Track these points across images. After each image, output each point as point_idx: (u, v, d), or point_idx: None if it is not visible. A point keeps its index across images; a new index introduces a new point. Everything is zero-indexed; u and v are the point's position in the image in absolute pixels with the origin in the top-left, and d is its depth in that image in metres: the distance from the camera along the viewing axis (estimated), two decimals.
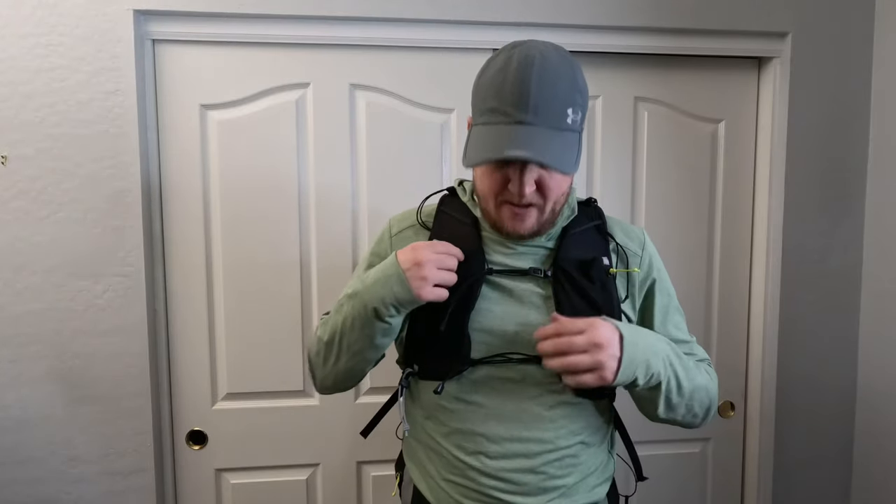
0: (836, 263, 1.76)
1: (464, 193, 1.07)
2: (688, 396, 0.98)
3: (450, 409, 1.00)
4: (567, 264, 0.99)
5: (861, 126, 1.74)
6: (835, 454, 1.82)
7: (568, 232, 1.03)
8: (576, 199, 1.06)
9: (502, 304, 0.99)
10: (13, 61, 1.45)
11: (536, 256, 1.01)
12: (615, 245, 1.05)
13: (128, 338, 1.53)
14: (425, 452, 1.06)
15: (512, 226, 0.96)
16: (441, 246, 0.95)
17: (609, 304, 0.99)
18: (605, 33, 1.64)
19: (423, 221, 1.08)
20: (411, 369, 1.03)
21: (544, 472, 0.98)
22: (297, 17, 1.53)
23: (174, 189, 1.59)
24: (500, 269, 1.00)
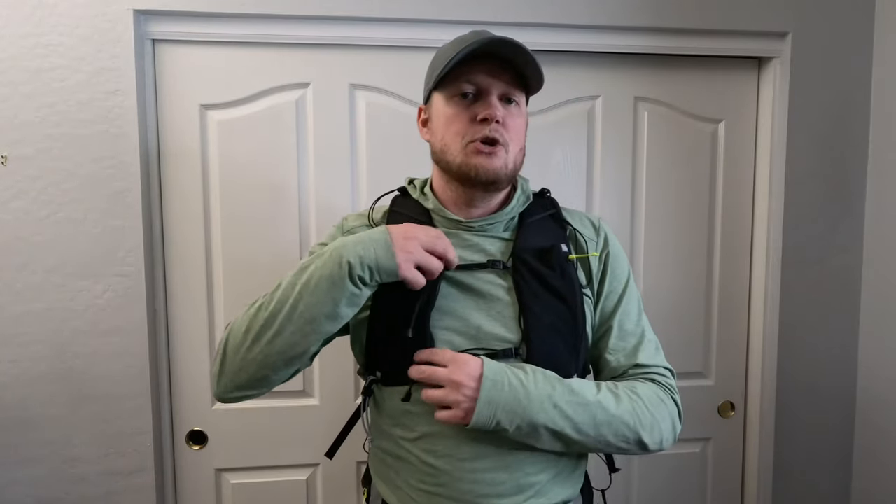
0: (836, 263, 1.76)
1: (414, 190, 1.07)
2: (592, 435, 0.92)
3: (417, 413, 0.96)
4: (526, 253, 0.98)
5: (861, 126, 1.74)
6: (835, 454, 1.82)
7: (524, 221, 1.03)
8: (530, 188, 1.08)
9: (463, 300, 0.97)
10: (13, 61, 1.45)
11: (494, 248, 1.00)
12: (572, 231, 1.05)
13: (128, 338, 1.53)
14: (394, 463, 1.01)
15: (480, 162, 0.94)
16: (435, 232, 0.93)
17: (571, 291, 0.98)
18: (605, 33, 1.64)
19: (376, 222, 1.06)
20: (374, 377, 0.99)
21: (519, 470, 0.95)
22: (297, 17, 1.54)
23: (174, 189, 1.59)
24: (460, 263, 0.97)
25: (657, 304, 1.77)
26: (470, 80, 0.95)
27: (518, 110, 0.99)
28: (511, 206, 1.02)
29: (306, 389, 1.67)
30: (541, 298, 0.96)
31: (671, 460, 1.83)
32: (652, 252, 1.76)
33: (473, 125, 0.95)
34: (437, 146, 1.00)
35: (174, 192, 1.59)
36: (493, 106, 0.94)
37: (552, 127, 1.70)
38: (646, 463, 1.83)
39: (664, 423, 0.97)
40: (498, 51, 0.93)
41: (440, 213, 1.02)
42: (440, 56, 0.99)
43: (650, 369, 1.02)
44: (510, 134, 0.96)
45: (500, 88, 0.96)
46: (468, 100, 0.96)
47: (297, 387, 1.66)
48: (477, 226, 1.01)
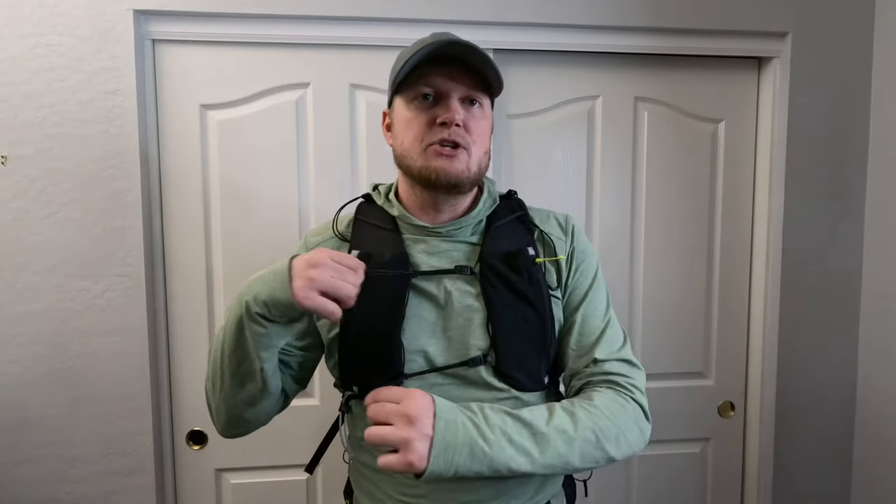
0: (836, 263, 1.76)
1: (379, 196, 1.05)
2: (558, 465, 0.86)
3: None
4: (493, 258, 0.97)
5: (861, 126, 1.74)
6: (835, 454, 1.82)
7: (491, 225, 1.01)
8: (497, 191, 1.06)
9: (431, 308, 0.96)
10: (13, 61, 1.45)
11: (461, 253, 0.99)
12: (539, 234, 1.03)
13: (128, 338, 1.53)
14: (373, 476, 1.00)
15: (440, 165, 0.91)
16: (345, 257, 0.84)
17: (538, 295, 0.97)
18: (605, 33, 1.64)
19: (341, 233, 1.04)
20: (351, 392, 0.99)
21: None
22: (297, 17, 1.53)
23: (174, 189, 1.59)
24: (427, 269, 0.96)
25: (657, 304, 1.77)
26: (428, 83, 0.93)
27: (481, 112, 0.96)
28: (477, 209, 1.00)
29: (306, 389, 1.66)
30: (508, 304, 0.95)
31: (671, 460, 1.83)
32: (652, 252, 1.76)
33: (433, 128, 0.93)
34: (398, 150, 0.98)
35: (174, 192, 1.59)
36: (452, 109, 0.92)
37: (552, 127, 1.70)
38: (646, 463, 1.83)
39: (629, 432, 0.92)
40: (455, 53, 0.92)
41: (406, 219, 1.00)
42: (400, 59, 0.97)
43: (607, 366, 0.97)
44: (472, 136, 0.94)
45: (460, 91, 0.94)
46: (428, 102, 0.94)
47: None
48: (444, 231, 0.99)
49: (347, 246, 1.01)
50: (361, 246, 0.99)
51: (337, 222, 1.05)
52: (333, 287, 0.81)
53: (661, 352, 1.79)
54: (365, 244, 0.99)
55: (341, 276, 0.82)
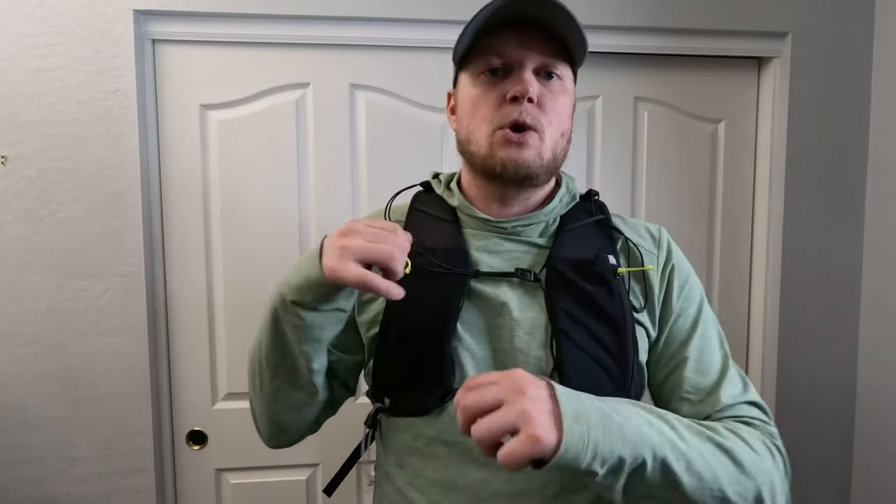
0: (837, 263, 1.76)
1: (439, 185, 0.92)
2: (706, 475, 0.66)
3: (427, 455, 0.80)
4: (563, 264, 0.81)
5: (861, 126, 1.74)
6: (835, 455, 1.82)
7: (564, 227, 0.85)
8: (576, 188, 0.92)
9: (485, 316, 0.80)
10: (13, 61, 1.45)
11: (527, 256, 0.83)
12: (623, 241, 0.87)
13: (128, 338, 1.53)
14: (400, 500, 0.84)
15: (507, 154, 0.77)
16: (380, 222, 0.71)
17: (619, 312, 0.79)
18: (605, 33, 1.64)
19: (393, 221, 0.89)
20: (381, 405, 0.83)
21: None
22: (297, 17, 1.53)
23: (174, 189, 1.59)
24: (486, 270, 0.81)
25: None
26: (497, 53, 0.78)
27: (560, 86, 0.81)
28: (552, 205, 0.85)
29: None
30: (579, 320, 0.78)
31: None
32: None
33: (503, 107, 0.78)
34: (461, 135, 0.84)
35: (174, 192, 1.59)
36: (524, 81, 0.76)
37: None
38: None
39: (776, 478, 0.74)
40: (530, 12, 0.75)
41: (466, 210, 0.86)
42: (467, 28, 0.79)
43: (739, 411, 0.80)
44: (548, 116, 0.79)
45: (535, 60, 0.78)
46: (497, 76, 0.79)
47: None
48: (509, 227, 0.84)
49: None
50: (416, 236, 0.80)
51: (389, 211, 0.91)
52: (371, 252, 0.66)
53: None
54: (419, 234, 0.83)
55: (379, 240, 0.68)
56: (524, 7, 0.74)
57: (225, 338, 1.63)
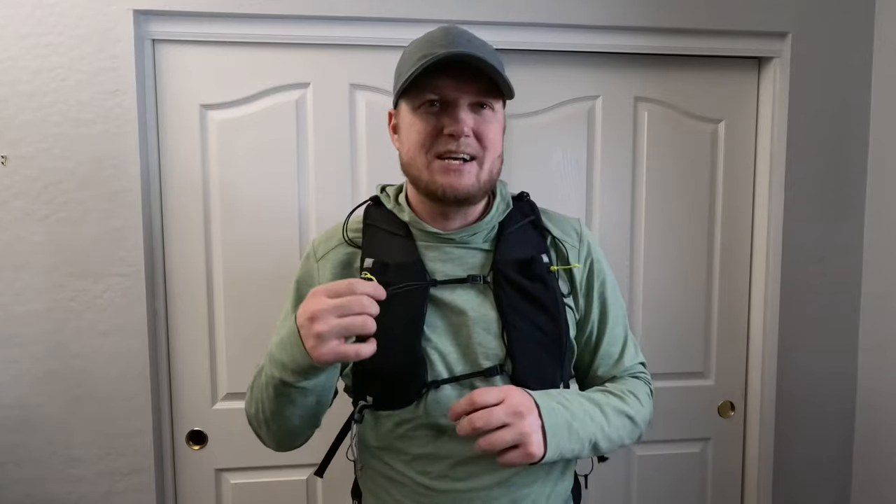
0: (836, 264, 1.76)
1: (388, 200, 1.01)
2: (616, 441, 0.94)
3: (410, 437, 0.94)
4: (506, 266, 0.95)
5: (861, 126, 1.74)
6: (835, 454, 1.82)
7: (504, 232, 0.98)
8: (509, 193, 1.04)
9: (446, 317, 0.94)
10: (13, 61, 1.45)
11: (475, 261, 0.96)
12: (552, 240, 1.02)
13: (128, 338, 1.53)
14: (386, 483, 0.98)
15: (448, 182, 0.88)
16: (342, 285, 0.76)
17: (553, 303, 0.96)
18: (605, 33, 1.64)
19: (351, 239, 1.00)
20: (365, 402, 0.95)
21: (513, 483, 0.94)
22: (297, 17, 1.53)
23: (174, 189, 1.59)
24: (442, 279, 0.94)
25: (657, 304, 1.77)
26: (435, 90, 0.88)
27: (492, 115, 0.92)
28: (490, 216, 0.98)
29: None
30: (523, 312, 0.93)
31: (671, 460, 1.83)
32: (652, 252, 1.76)
33: (440, 138, 0.88)
34: (404, 157, 0.94)
35: (174, 192, 1.59)
36: (460, 121, 0.87)
37: (552, 127, 1.70)
38: (646, 463, 1.83)
39: (648, 416, 1.02)
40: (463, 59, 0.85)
41: (417, 225, 0.97)
42: (405, 59, 0.91)
43: (634, 369, 1.07)
44: (484, 142, 0.90)
45: (469, 98, 0.88)
46: (435, 109, 0.89)
47: None
48: (457, 238, 0.96)
49: (359, 253, 0.98)
50: (375, 254, 0.95)
51: (347, 229, 1.01)
52: (348, 329, 0.75)
53: (661, 352, 1.78)
54: (378, 251, 0.96)
55: (347, 311, 0.75)
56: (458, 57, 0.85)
57: (225, 338, 1.63)
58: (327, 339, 0.74)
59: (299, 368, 0.80)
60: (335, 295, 0.76)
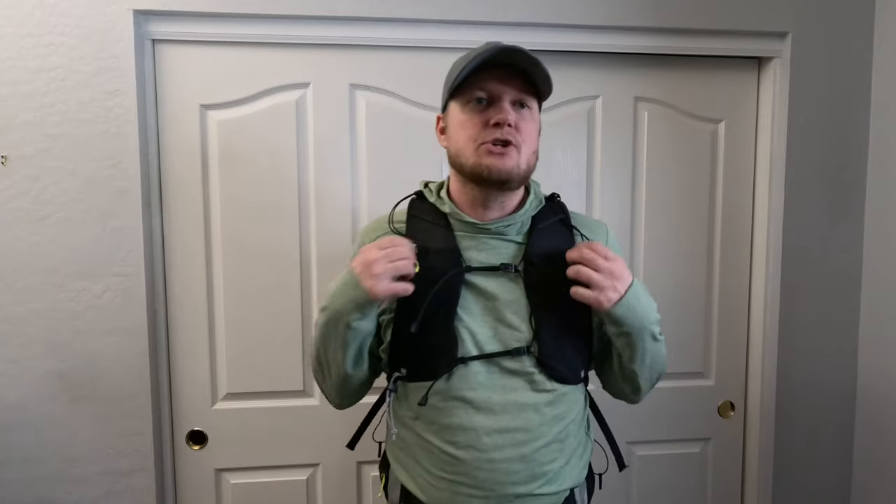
0: (836, 263, 1.76)
1: (430, 194, 1.12)
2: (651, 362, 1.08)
3: (439, 408, 1.04)
4: (536, 258, 1.05)
5: (861, 126, 1.74)
6: (835, 454, 1.82)
7: (536, 226, 1.09)
8: (542, 193, 1.14)
9: (479, 301, 1.04)
10: (13, 61, 1.45)
11: (508, 251, 1.07)
12: (580, 237, 1.12)
13: (128, 338, 1.53)
14: (414, 451, 1.08)
15: (492, 162, 1.00)
16: (385, 241, 0.99)
17: None
18: (605, 33, 1.64)
19: (396, 228, 1.11)
20: (399, 374, 1.06)
21: (533, 460, 1.02)
22: (297, 17, 1.53)
23: (174, 189, 1.59)
24: (476, 265, 1.05)
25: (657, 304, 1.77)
26: (482, 88, 1.01)
27: (530, 115, 1.04)
28: (524, 209, 1.08)
29: (306, 389, 1.67)
30: (550, 300, 1.03)
31: (671, 460, 1.83)
32: (652, 252, 1.76)
33: (486, 129, 1.00)
34: (452, 151, 1.06)
35: (174, 192, 1.59)
36: (504, 110, 0.99)
37: (552, 127, 1.70)
38: (646, 463, 1.83)
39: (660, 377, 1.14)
40: (508, 59, 0.99)
41: (456, 216, 1.07)
42: (455, 66, 1.04)
43: None
44: (522, 136, 1.01)
45: (511, 94, 1.01)
46: (482, 105, 1.02)
47: (297, 387, 1.66)
48: (493, 228, 1.05)
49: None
50: (416, 240, 1.05)
51: (393, 220, 1.12)
52: (395, 269, 0.96)
53: None
54: (420, 239, 1.06)
55: (394, 257, 0.96)
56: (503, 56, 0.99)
57: (225, 338, 1.63)
58: (382, 278, 0.95)
59: (357, 306, 0.98)
60: (382, 246, 0.97)
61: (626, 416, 1.78)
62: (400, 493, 1.12)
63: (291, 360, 1.65)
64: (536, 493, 1.03)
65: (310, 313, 1.65)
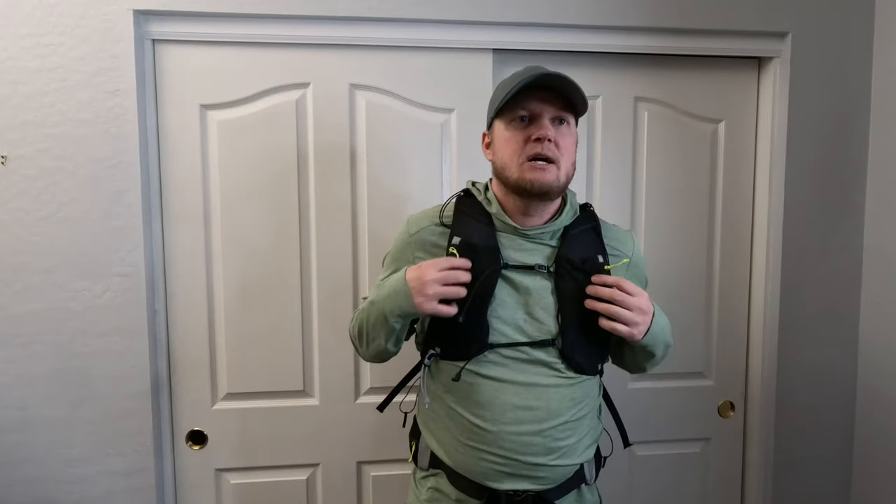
0: (836, 263, 1.76)
1: (478, 193, 1.21)
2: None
3: (469, 383, 1.14)
4: (566, 261, 1.15)
5: (861, 126, 1.74)
6: (835, 454, 1.82)
7: (568, 233, 1.18)
8: (577, 202, 1.23)
9: (513, 295, 1.14)
10: (13, 61, 1.45)
11: (543, 253, 1.16)
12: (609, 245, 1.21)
13: (128, 338, 1.53)
14: (444, 421, 1.18)
15: (535, 176, 1.09)
16: (445, 262, 1.09)
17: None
18: (605, 33, 1.64)
19: (444, 222, 1.20)
20: (434, 351, 1.17)
21: (550, 436, 1.13)
22: (297, 17, 1.54)
23: (174, 189, 1.59)
24: (513, 264, 1.14)
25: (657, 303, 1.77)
26: (524, 107, 1.11)
27: (568, 130, 1.14)
28: (560, 219, 1.17)
29: (306, 389, 1.67)
30: (577, 299, 1.13)
31: (671, 460, 1.83)
32: (652, 252, 1.76)
33: (528, 144, 1.10)
34: (498, 164, 1.16)
35: (174, 192, 1.59)
36: (544, 127, 1.09)
37: None
38: (646, 463, 1.83)
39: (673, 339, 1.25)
40: (548, 82, 1.09)
41: (500, 217, 1.16)
42: (500, 88, 1.15)
43: None
44: (561, 150, 1.11)
45: (551, 112, 1.11)
46: (524, 123, 1.12)
47: (297, 387, 1.66)
48: (531, 234, 1.15)
49: (448, 232, 1.18)
50: (461, 234, 1.15)
51: (443, 214, 1.21)
52: (444, 294, 1.07)
53: None
54: (464, 233, 1.16)
55: (448, 281, 1.07)
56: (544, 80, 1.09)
57: (225, 338, 1.63)
58: (431, 299, 1.07)
59: (403, 314, 1.11)
60: (440, 268, 1.07)
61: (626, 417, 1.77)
62: (429, 459, 1.22)
63: (291, 361, 1.65)
64: (551, 465, 1.14)
65: (310, 312, 1.65)
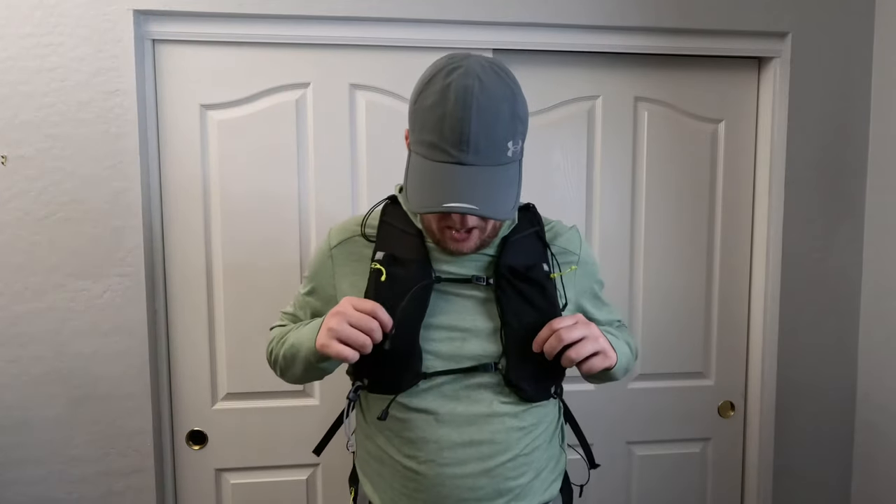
0: (836, 263, 1.76)
1: (405, 201, 1.06)
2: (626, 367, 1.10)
3: (400, 420, 1.00)
4: (508, 271, 1.00)
5: (861, 126, 1.74)
6: (835, 454, 1.82)
7: (508, 239, 1.03)
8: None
9: (448, 313, 0.99)
10: (13, 61, 1.45)
11: (479, 263, 1.02)
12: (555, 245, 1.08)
13: (128, 338, 1.53)
14: (378, 465, 1.04)
15: (455, 247, 0.97)
16: (368, 305, 0.90)
17: (551, 308, 1.01)
18: (605, 33, 1.64)
19: (366, 233, 1.05)
20: (360, 383, 1.01)
21: (499, 475, 0.98)
22: (296, 17, 1.54)
23: (174, 189, 1.59)
24: (446, 276, 1.00)
25: (657, 303, 1.77)
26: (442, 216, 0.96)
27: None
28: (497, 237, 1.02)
29: (306, 389, 1.67)
30: (520, 314, 0.98)
31: (671, 460, 1.83)
32: (652, 252, 1.76)
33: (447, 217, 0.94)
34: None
35: (174, 192, 1.59)
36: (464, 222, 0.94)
37: (552, 127, 1.70)
38: (646, 463, 1.83)
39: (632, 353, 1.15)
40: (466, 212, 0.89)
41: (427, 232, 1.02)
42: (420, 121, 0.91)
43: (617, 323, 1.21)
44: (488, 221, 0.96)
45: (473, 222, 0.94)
46: None
47: (297, 387, 1.66)
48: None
49: (373, 247, 1.03)
50: (385, 247, 1.01)
51: (365, 225, 1.06)
52: (349, 337, 0.89)
53: (660, 352, 1.79)
54: (390, 247, 1.01)
55: (361, 325, 0.89)
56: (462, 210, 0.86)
57: (225, 338, 1.63)
58: (333, 336, 0.89)
59: (311, 352, 0.95)
60: (360, 309, 0.90)
61: (626, 417, 1.78)
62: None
63: None
64: None
65: None
